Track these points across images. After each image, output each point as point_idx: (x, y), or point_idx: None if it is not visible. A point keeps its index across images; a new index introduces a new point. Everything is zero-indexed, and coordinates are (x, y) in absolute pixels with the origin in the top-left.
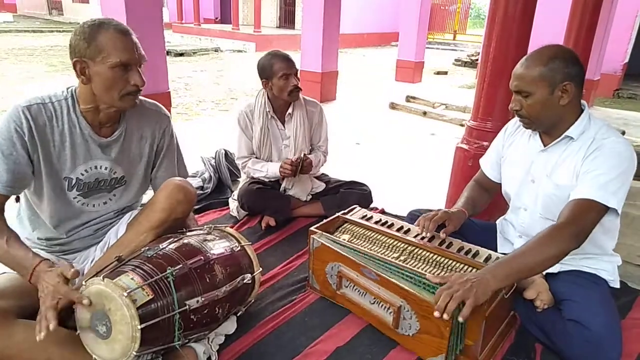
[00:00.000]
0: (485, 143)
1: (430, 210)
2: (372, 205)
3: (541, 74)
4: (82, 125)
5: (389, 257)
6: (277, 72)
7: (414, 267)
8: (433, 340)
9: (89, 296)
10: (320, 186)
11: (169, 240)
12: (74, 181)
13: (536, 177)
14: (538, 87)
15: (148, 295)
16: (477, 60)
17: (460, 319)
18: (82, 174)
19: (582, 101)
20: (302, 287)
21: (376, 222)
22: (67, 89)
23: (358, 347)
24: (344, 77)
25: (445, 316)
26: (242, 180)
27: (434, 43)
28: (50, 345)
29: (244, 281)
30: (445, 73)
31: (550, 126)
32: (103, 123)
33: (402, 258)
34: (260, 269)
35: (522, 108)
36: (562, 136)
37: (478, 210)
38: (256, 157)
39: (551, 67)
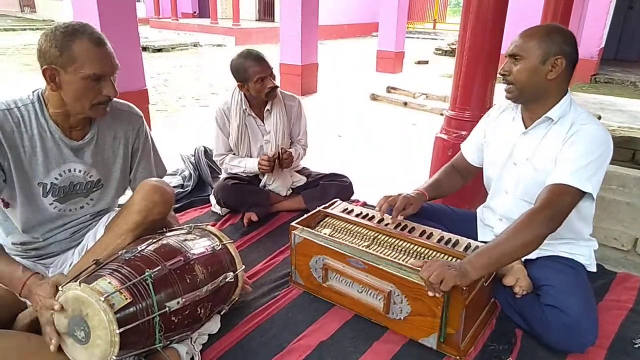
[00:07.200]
0: (463, 132)
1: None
2: (353, 198)
3: (539, 42)
4: (52, 129)
5: (371, 249)
6: (251, 76)
7: (396, 259)
8: (425, 320)
9: (66, 302)
10: (301, 180)
11: (148, 242)
12: (48, 186)
13: (518, 160)
14: (532, 53)
15: (126, 299)
16: None
17: (444, 289)
18: (57, 178)
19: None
20: (285, 283)
21: (357, 215)
22: (33, 92)
23: (341, 340)
24: (324, 69)
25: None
26: (222, 177)
27: (414, 32)
28: (28, 354)
29: (226, 280)
30: (426, 62)
31: (532, 99)
32: (73, 126)
33: (384, 250)
34: (243, 266)
35: (511, 73)
36: (543, 117)
37: (443, 193)
38: (234, 154)
39: (550, 38)
